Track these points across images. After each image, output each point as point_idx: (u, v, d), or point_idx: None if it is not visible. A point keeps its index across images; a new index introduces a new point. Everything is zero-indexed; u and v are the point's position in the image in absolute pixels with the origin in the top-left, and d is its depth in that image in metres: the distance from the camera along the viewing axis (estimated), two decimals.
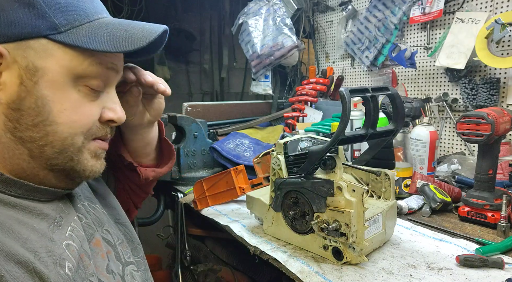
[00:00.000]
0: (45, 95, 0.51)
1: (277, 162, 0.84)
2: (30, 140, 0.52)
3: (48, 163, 0.55)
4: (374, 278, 0.71)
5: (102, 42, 0.53)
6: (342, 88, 0.66)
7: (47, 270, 0.47)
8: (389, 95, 0.74)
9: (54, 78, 0.52)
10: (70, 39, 0.51)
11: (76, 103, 0.54)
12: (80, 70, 0.53)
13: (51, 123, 0.52)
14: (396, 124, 0.76)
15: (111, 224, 0.70)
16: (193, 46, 2.67)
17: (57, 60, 0.51)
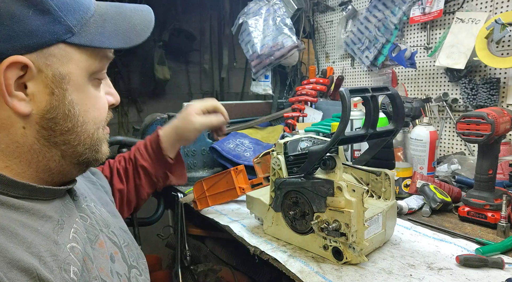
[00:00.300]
0: (73, 100, 0.53)
1: (277, 162, 0.84)
2: (64, 143, 0.55)
3: (79, 159, 0.57)
4: (374, 278, 0.71)
5: (112, 39, 0.54)
6: (342, 88, 0.66)
7: (52, 275, 0.46)
8: (389, 95, 0.74)
9: (78, 82, 0.53)
10: (84, 40, 0.52)
11: (95, 99, 0.57)
12: (94, 68, 0.55)
13: (82, 124, 0.55)
14: (396, 124, 0.76)
15: (116, 227, 0.71)
16: (193, 46, 2.67)
17: (77, 63, 0.53)
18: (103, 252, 0.60)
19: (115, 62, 2.54)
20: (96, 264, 0.56)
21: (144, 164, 1.02)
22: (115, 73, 2.51)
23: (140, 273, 0.69)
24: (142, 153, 1.04)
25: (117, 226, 0.72)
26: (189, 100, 2.85)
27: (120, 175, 1.01)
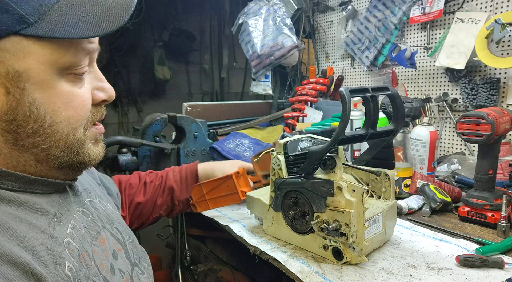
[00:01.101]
0: (36, 99, 0.48)
1: (277, 162, 0.84)
2: (33, 146, 0.50)
3: (56, 162, 0.53)
4: (374, 278, 0.71)
5: (79, 27, 0.47)
6: (342, 88, 0.66)
7: (46, 270, 0.45)
8: (389, 95, 0.74)
9: (41, 78, 0.47)
10: (44, 31, 0.45)
11: (68, 96, 0.50)
12: (63, 62, 0.49)
13: (50, 125, 0.50)
14: (396, 124, 0.76)
15: (121, 223, 0.70)
16: (193, 46, 2.67)
17: (37, 57, 0.46)
18: (104, 249, 0.58)
19: (115, 62, 2.55)
20: (96, 260, 0.55)
21: (174, 185, 1.02)
22: (115, 73, 2.51)
23: (142, 272, 0.68)
24: (175, 175, 1.04)
25: (122, 222, 0.71)
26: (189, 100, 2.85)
27: (146, 187, 1.00)
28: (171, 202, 1.03)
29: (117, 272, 0.59)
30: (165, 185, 1.02)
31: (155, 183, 1.01)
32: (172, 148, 1.38)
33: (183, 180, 1.03)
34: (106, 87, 0.57)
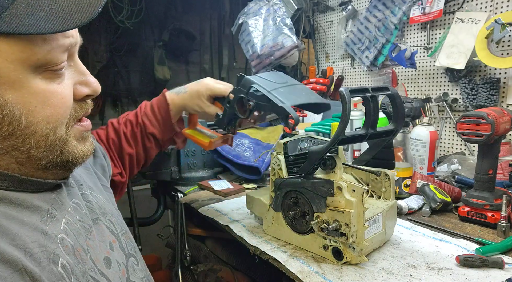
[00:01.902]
0: (8, 100, 0.45)
1: (277, 162, 0.84)
2: (12, 149, 0.48)
3: (40, 163, 0.51)
4: (374, 278, 0.71)
5: (48, 20, 0.43)
6: (342, 88, 0.66)
7: (40, 267, 0.44)
8: (389, 95, 0.74)
9: (11, 78, 0.44)
10: (8, 27, 0.41)
11: (45, 94, 0.47)
12: (35, 60, 0.45)
13: (27, 126, 0.47)
14: (396, 124, 0.76)
15: (114, 214, 0.69)
16: (193, 46, 2.67)
17: (5, 56, 0.43)
18: (100, 241, 0.58)
19: (115, 62, 2.55)
20: (92, 254, 0.54)
21: (154, 131, 0.99)
22: (115, 73, 2.51)
23: (137, 262, 0.67)
24: (151, 119, 1.00)
25: (114, 213, 0.70)
26: None
27: (128, 139, 0.98)
28: (157, 143, 1.03)
29: (114, 264, 0.59)
30: (146, 132, 1.00)
31: (135, 131, 0.99)
32: (172, 148, 1.38)
33: (160, 123, 1.00)
34: (89, 81, 0.54)
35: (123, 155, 0.98)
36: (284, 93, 0.76)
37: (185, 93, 0.98)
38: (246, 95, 0.79)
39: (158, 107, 1.00)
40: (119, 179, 0.95)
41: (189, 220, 1.34)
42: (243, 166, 1.35)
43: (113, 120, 1.01)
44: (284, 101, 0.73)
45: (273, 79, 0.81)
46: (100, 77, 2.35)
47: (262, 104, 0.76)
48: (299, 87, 0.83)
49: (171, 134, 1.03)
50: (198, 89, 0.96)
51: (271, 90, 0.76)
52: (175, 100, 0.99)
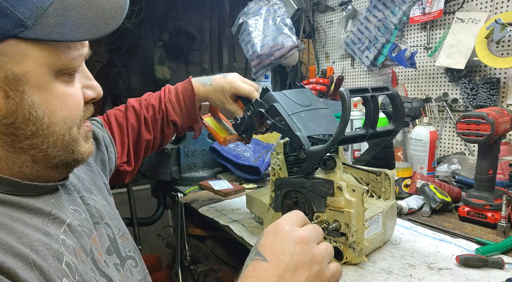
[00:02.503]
0: (35, 101, 0.48)
1: (277, 162, 0.84)
2: (31, 148, 0.50)
3: (53, 162, 0.53)
4: (374, 278, 0.71)
5: (76, 29, 0.47)
6: (342, 88, 0.66)
7: (46, 263, 0.45)
8: (389, 95, 0.74)
9: (39, 81, 0.47)
10: (41, 34, 0.45)
11: (63, 97, 0.51)
12: (60, 64, 0.49)
13: (48, 126, 0.50)
14: (396, 124, 0.76)
15: (111, 216, 0.69)
16: (193, 46, 2.67)
17: (35, 60, 0.46)
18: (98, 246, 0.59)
19: (115, 62, 2.55)
20: (94, 255, 0.55)
21: (176, 118, 0.98)
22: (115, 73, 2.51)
23: (135, 264, 0.67)
24: (174, 107, 0.98)
25: (111, 215, 0.70)
26: None
27: (148, 125, 0.96)
28: (176, 130, 1.02)
29: (112, 266, 0.60)
30: (168, 120, 0.98)
31: (157, 117, 0.97)
32: (172, 148, 1.38)
33: (183, 112, 0.99)
34: (94, 85, 0.57)
35: (140, 141, 0.96)
36: (304, 119, 0.75)
37: (210, 85, 0.97)
38: (266, 112, 0.79)
39: (183, 95, 0.98)
40: (125, 169, 0.94)
41: (189, 220, 1.34)
42: (243, 166, 1.36)
43: (133, 102, 0.98)
44: (302, 129, 0.72)
45: (297, 99, 0.81)
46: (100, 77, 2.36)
47: (278, 126, 0.77)
48: (322, 112, 0.82)
49: (192, 123, 1.02)
50: (223, 85, 0.95)
51: (292, 113, 0.76)
52: (200, 90, 0.98)
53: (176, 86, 1.00)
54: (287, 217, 0.54)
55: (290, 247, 0.49)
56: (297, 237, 0.50)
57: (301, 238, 0.50)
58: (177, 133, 1.05)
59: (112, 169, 0.88)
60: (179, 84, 1.00)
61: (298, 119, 0.75)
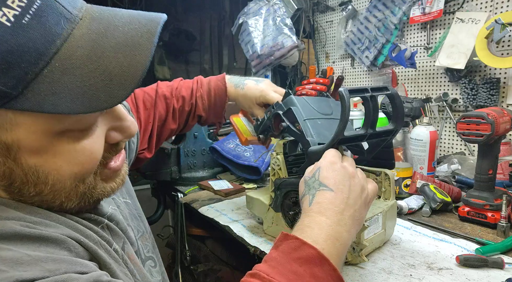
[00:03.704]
0: (32, 165, 0.43)
1: (276, 162, 0.84)
2: (43, 202, 0.46)
3: (72, 210, 0.49)
4: (374, 278, 0.71)
5: (71, 100, 0.39)
6: (342, 88, 0.66)
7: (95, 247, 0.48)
8: (389, 95, 0.74)
9: (34, 147, 0.42)
10: (30, 104, 0.38)
11: (71, 154, 0.44)
12: (61, 127, 0.42)
13: (55, 183, 0.45)
14: (395, 124, 0.75)
15: (132, 216, 0.69)
16: (193, 46, 2.67)
17: (27, 128, 0.40)
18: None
19: None
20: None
21: (203, 114, 0.98)
22: None
23: (154, 264, 0.68)
24: (204, 103, 0.97)
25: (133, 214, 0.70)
26: None
27: (175, 115, 0.96)
28: (198, 123, 1.03)
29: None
30: (195, 113, 0.98)
31: (185, 109, 0.97)
32: (172, 148, 1.38)
33: (212, 109, 0.99)
34: (124, 127, 0.49)
35: (165, 129, 0.96)
36: (319, 127, 0.75)
37: (242, 89, 0.97)
38: (283, 114, 0.80)
39: (215, 94, 0.97)
40: (144, 156, 0.92)
41: (189, 220, 1.34)
42: (243, 166, 1.36)
43: (165, 90, 0.95)
44: (315, 135, 0.73)
45: (317, 106, 0.81)
46: None
47: (292, 129, 0.77)
48: None
49: (216, 121, 1.03)
50: (254, 92, 0.95)
51: (308, 118, 0.76)
52: (231, 92, 0.98)
53: (209, 80, 0.99)
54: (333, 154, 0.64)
55: (345, 179, 0.60)
56: (349, 173, 0.61)
57: (351, 174, 0.61)
58: (200, 124, 1.06)
59: (132, 159, 0.86)
60: (213, 80, 0.99)
61: (313, 125, 0.75)
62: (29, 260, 0.37)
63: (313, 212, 0.56)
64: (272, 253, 0.52)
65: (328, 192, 0.58)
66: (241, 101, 0.98)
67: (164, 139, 0.99)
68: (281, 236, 0.53)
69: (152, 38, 0.43)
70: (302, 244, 0.50)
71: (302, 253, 0.49)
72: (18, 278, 0.35)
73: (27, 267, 0.36)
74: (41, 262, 0.38)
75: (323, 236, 0.52)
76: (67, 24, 0.40)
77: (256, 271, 0.49)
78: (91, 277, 0.39)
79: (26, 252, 0.38)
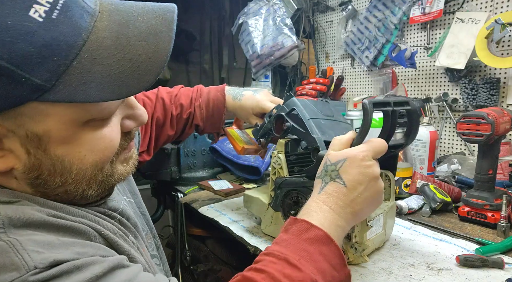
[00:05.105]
0: (59, 155, 0.45)
1: (277, 161, 0.84)
2: (67, 193, 0.49)
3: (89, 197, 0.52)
4: (374, 278, 0.71)
5: (102, 89, 0.41)
6: (366, 100, 0.65)
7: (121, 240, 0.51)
8: (409, 110, 0.72)
9: (62, 136, 0.44)
10: (62, 95, 0.40)
11: (93, 142, 0.47)
12: (88, 117, 0.45)
13: (78, 172, 0.48)
14: (407, 139, 0.74)
15: (137, 215, 0.70)
16: (193, 46, 2.67)
17: (58, 118, 0.43)
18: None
19: None
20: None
21: (200, 123, 0.99)
22: None
23: (159, 262, 0.69)
24: (202, 113, 0.98)
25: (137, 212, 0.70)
26: None
27: (173, 122, 0.97)
28: (195, 131, 1.04)
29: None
30: (193, 121, 0.99)
31: (183, 117, 0.98)
32: (172, 148, 1.38)
33: (209, 120, 0.99)
34: (137, 115, 0.53)
35: (162, 135, 0.97)
36: (323, 126, 0.76)
37: (239, 101, 0.98)
38: (286, 115, 0.81)
39: (213, 104, 0.98)
40: (143, 159, 0.93)
41: (189, 220, 1.34)
42: (243, 166, 1.36)
43: (164, 95, 0.96)
44: (319, 133, 0.73)
45: (319, 109, 0.82)
46: None
47: (297, 129, 0.77)
48: (342, 125, 0.83)
49: (213, 131, 1.03)
50: (251, 104, 0.96)
51: (311, 118, 0.77)
52: (229, 104, 0.99)
53: (208, 90, 1.00)
54: (372, 148, 0.62)
55: (366, 180, 0.59)
56: (372, 173, 0.60)
57: (375, 175, 0.60)
58: (198, 133, 1.07)
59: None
60: (212, 90, 1.00)
61: (317, 124, 0.76)
62: (60, 244, 0.41)
63: (319, 200, 0.59)
64: (282, 235, 0.56)
65: (341, 186, 0.59)
66: (239, 112, 0.99)
67: (161, 144, 0.99)
68: (290, 220, 0.58)
69: (171, 25, 0.45)
70: (310, 226, 0.55)
71: (310, 234, 0.54)
72: (54, 258, 0.39)
73: (59, 250, 0.40)
74: (70, 246, 0.42)
75: (327, 222, 0.56)
76: (89, 18, 0.42)
77: (270, 251, 0.52)
78: (116, 259, 0.44)
79: (56, 237, 0.42)
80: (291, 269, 0.49)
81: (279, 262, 0.50)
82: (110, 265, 0.42)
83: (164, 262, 0.72)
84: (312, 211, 0.58)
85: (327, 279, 0.51)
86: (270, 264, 0.50)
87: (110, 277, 0.41)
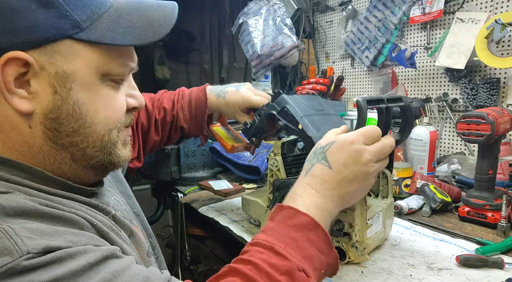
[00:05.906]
0: (80, 99, 0.50)
1: (275, 163, 0.84)
2: (71, 145, 0.52)
3: (90, 162, 0.55)
4: (374, 278, 0.71)
5: (125, 35, 0.51)
6: (360, 98, 0.65)
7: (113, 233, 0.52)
8: (402, 106, 0.73)
9: (86, 80, 0.50)
10: (94, 36, 0.49)
11: (107, 99, 0.53)
12: (107, 69, 0.52)
13: (90, 125, 0.52)
14: (402, 136, 0.74)
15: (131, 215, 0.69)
16: (193, 46, 2.67)
17: (85, 61, 0.50)
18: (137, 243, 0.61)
19: None
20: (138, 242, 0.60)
21: (184, 125, 0.99)
22: None
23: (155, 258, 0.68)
24: (185, 114, 0.99)
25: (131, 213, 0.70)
26: None
27: (157, 127, 0.98)
28: (181, 135, 1.04)
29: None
30: (177, 125, 0.99)
31: (167, 121, 0.99)
32: (172, 148, 1.38)
33: (193, 121, 1.00)
34: (137, 95, 0.60)
35: (148, 141, 0.97)
36: (317, 122, 0.75)
37: (223, 98, 0.98)
38: (278, 114, 0.79)
39: (195, 104, 0.99)
40: (135, 165, 0.94)
41: (189, 220, 1.33)
42: (243, 166, 1.36)
43: (147, 101, 0.97)
44: (315, 130, 0.72)
45: (309, 104, 0.80)
46: None
47: (291, 127, 0.76)
48: (334, 118, 0.82)
49: (198, 133, 1.03)
50: (236, 100, 0.95)
51: (305, 115, 0.76)
52: (213, 102, 0.99)
53: (190, 92, 1.01)
54: (363, 133, 0.62)
55: (352, 164, 0.59)
56: (360, 158, 0.59)
57: (363, 159, 0.59)
58: (184, 138, 1.07)
59: (125, 168, 0.88)
60: (194, 91, 1.00)
61: (310, 121, 0.75)
62: (52, 232, 0.42)
63: (305, 183, 0.60)
64: (268, 224, 0.56)
65: (326, 168, 0.59)
66: (225, 110, 0.98)
67: (148, 151, 0.99)
68: (276, 208, 0.58)
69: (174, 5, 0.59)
70: (296, 212, 0.55)
71: (297, 220, 0.55)
72: (47, 245, 0.40)
73: (52, 237, 0.42)
74: (63, 234, 0.43)
75: (313, 206, 0.57)
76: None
77: (256, 240, 0.53)
78: (109, 249, 0.45)
79: (49, 226, 0.43)
80: (277, 258, 0.49)
81: (265, 251, 0.50)
82: (103, 254, 0.43)
83: (160, 261, 0.72)
84: (298, 196, 0.58)
85: (315, 264, 0.52)
86: (256, 254, 0.50)
87: (103, 266, 0.42)
